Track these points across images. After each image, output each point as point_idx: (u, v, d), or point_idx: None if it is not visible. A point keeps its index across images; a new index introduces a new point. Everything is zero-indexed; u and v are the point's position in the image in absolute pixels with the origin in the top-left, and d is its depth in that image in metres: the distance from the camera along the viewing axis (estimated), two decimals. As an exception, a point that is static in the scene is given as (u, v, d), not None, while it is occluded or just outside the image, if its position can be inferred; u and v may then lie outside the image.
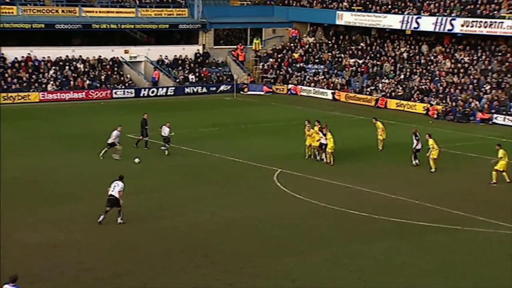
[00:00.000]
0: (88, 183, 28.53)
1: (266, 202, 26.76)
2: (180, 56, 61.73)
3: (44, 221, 23.39)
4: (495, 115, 47.37)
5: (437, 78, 54.00)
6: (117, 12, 60.00)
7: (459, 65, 54.49)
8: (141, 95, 56.41)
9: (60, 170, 30.54)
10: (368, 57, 60.17)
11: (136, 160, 30.64)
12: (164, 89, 57.55)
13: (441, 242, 22.45)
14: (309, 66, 61.99)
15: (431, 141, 32.27)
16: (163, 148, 34.44)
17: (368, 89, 55.96)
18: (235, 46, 64.06)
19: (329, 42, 64.63)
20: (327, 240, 22.53)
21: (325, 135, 32.85)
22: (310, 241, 22.37)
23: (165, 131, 34.69)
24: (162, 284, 18.66)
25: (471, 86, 51.44)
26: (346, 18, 61.40)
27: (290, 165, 32.09)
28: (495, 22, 51.31)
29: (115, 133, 33.01)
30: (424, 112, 50.31)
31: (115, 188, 23.08)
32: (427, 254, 21.40)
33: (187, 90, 58.39)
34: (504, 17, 51.21)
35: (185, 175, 30.74)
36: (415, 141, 32.98)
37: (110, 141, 32.78)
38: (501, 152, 29.97)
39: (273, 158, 33.37)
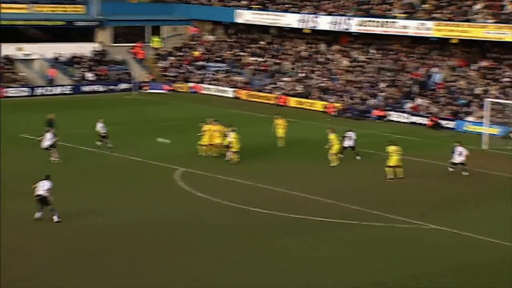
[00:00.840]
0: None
1: (167, 201, 26.72)
2: (78, 54, 60.37)
3: None
4: (390, 112, 49.34)
5: (335, 76, 55.60)
6: (9, 8, 57.88)
7: (356, 63, 56.35)
8: (36, 93, 54.75)
9: None
10: (268, 56, 61.08)
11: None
12: (61, 88, 56.14)
13: (340, 237, 23.22)
14: (210, 64, 62.21)
15: (332, 136, 33.28)
16: (100, 143, 34.82)
17: (269, 87, 56.83)
18: (134, 44, 63.35)
19: (230, 40, 65.11)
20: (228, 238, 22.79)
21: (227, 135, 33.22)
22: (211, 239, 22.56)
23: (100, 126, 35.17)
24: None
25: (367, 84, 53.33)
26: (245, 16, 62.07)
27: (192, 164, 32.16)
28: (388, 21, 53.44)
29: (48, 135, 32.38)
30: (323, 109, 51.69)
31: (40, 188, 23.43)
32: (326, 249, 22.08)
33: (85, 88, 57.22)
34: (395, 17, 53.42)
35: (83, 176, 30.17)
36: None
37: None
38: (390, 149, 31.27)
39: (175, 157, 33.34)
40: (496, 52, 51.35)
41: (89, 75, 58.75)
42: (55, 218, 23.38)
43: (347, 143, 34.42)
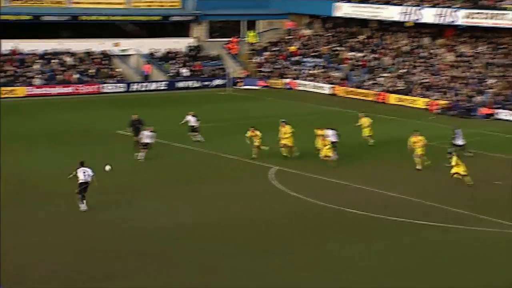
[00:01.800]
0: (61, 182, 28.55)
1: (260, 201, 26.92)
2: (172, 49, 61.86)
3: (19, 220, 23.47)
4: (498, 110, 47.69)
5: (439, 72, 54.30)
6: (106, 3, 60.11)
7: (462, 58, 54.80)
8: (132, 89, 56.56)
9: (44, 168, 30.62)
10: (367, 50, 60.41)
11: (107, 167, 27.11)
12: (156, 84, 57.71)
13: (443, 240, 22.69)
14: (306, 59, 62.21)
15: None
16: (196, 138, 35.74)
17: (368, 84, 56.22)
18: (229, 39, 64.24)
19: (327, 34, 64.86)
20: (323, 240, 22.72)
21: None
22: (304, 240, 22.54)
23: (191, 120, 36.21)
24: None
25: (474, 80, 51.76)
26: (344, 9, 61.64)
27: (286, 163, 32.29)
28: (498, 14, 51.62)
29: (146, 133, 32.84)
30: (425, 107, 50.61)
31: (86, 174, 24.63)
32: (429, 253, 21.65)
33: (179, 84, 58.57)
34: (505, 9, 51.53)
35: (177, 173, 30.89)
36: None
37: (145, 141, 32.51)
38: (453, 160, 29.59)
39: (269, 155, 33.55)
40: None
41: (184, 71, 60.10)
42: (83, 207, 24.41)
43: (458, 141, 33.76)
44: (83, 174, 24.78)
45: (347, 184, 29.35)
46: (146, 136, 32.73)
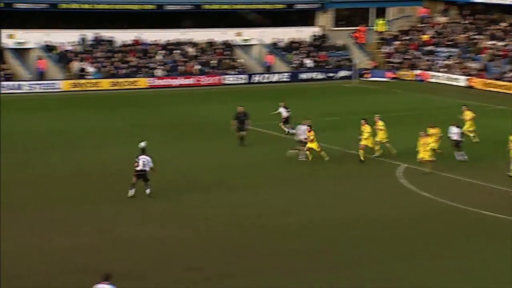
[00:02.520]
0: (195, 176, 29.12)
1: (387, 199, 26.31)
2: (296, 39, 61.78)
3: (150, 215, 24.12)
4: None
5: None
6: (231, -9, 60.90)
7: None
8: (253, 81, 57.02)
9: (168, 162, 31.35)
10: (509, 39, 57.72)
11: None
12: (278, 75, 57.86)
13: None
14: (440, 49, 60.27)
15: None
16: (286, 128, 35.88)
17: (509, 75, 53.73)
18: (357, 28, 63.32)
19: (464, 22, 62.54)
20: (454, 244, 21.85)
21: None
22: (434, 243, 21.79)
23: (282, 111, 36.17)
24: (271, 286, 18.78)
25: None
26: (484, -6, 59.21)
27: (415, 160, 31.27)
28: None
29: (303, 128, 31.92)
30: None
31: (146, 164, 25.47)
32: None
33: (302, 76, 58.44)
34: None
35: (300, 169, 30.75)
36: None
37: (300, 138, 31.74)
38: None
39: (397, 152, 32.70)
40: None
41: (307, 62, 59.88)
42: (148, 191, 25.42)
43: None
44: (142, 162, 25.48)
45: (483, 184, 28.07)
46: (303, 131, 31.81)
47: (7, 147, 32.25)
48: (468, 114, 36.08)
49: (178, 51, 57.72)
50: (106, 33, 56.55)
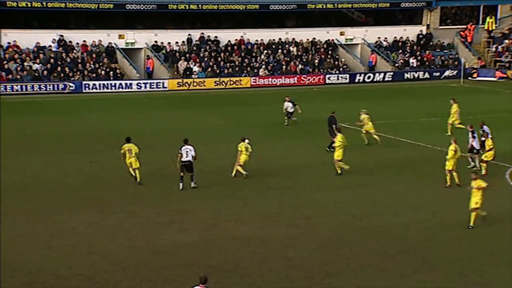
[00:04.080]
0: (298, 175, 29.25)
1: (495, 203, 25.54)
2: (401, 38, 60.91)
3: (253, 213, 24.45)
4: None
5: None
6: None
7: None
8: (356, 80, 56.63)
9: (270, 160, 31.66)
10: None
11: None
12: (382, 75, 57.24)
13: None
14: (552, 47, 57.94)
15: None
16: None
17: None
18: (464, 26, 61.72)
19: None
20: None
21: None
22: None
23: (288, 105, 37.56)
24: (376, 287, 18.68)
25: None
26: None
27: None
28: None
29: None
30: None
31: (189, 154, 25.72)
32: None
33: (406, 75, 57.57)
34: None
35: (401, 169, 30.35)
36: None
37: None
38: None
39: (506, 153, 31.70)
40: None
41: (412, 61, 58.89)
42: (193, 184, 25.91)
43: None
44: (186, 152, 25.58)
45: None
46: None
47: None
48: (454, 108, 36.20)
49: (281, 51, 58.05)
50: (211, 33, 57.61)
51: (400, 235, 22.39)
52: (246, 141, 28.18)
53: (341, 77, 56.41)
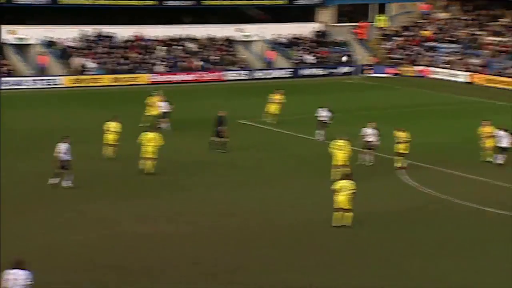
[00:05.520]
0: (197, 173, 29.25)
1: (389, 197, 26.46)
2: (297, 35, 61.91)
3: (154, 211, 24.28)
4: None
5: None
6: (231, -13, 60.99)
7: None
8: (255, 77, 57.16)
9: (167, 158, 31.47)
10: (510, 35, 57.87)
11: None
12: (280, 71, 58.00)
13: None
14: (442, 45, 60.44)
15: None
16: (162, 125, 35.01)
17: (510, 71, 53.87)
18: (358, 24, 63.47)
19: (466, 18, 62.70)
20: (456, 240, 22.03)
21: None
22: (433, 240, 21.93)
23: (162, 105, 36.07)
24: (279, 281, 18.93)
25: None
26: (486, -10, 59.39)
27: (417, 157, 31.44)
28: None
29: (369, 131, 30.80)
30: None
31: (65, 151, 26.03)
32: None
33: (304, 72, 58.58)
34: None
35: (300, 164, 30.92)
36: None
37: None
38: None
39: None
40: None
41: (309, 58, 60.02)
42: (66, 183, 25.91)
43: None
44: (62, 150, 25.96)
45: (487, 181, 28.26)
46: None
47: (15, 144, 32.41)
48: (276, 98, 38.19)
49: (179, 47, 57.86)
50: (107, 29, 56.70)
51: (299, 230, 22.77)
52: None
53: (240, 73, 56.80)
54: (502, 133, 31.00)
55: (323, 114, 35.55)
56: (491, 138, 31.14)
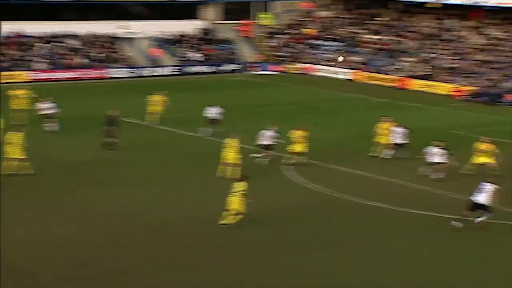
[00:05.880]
0: (80, 171, 28.61)
1: (275, 193, 26.74)
2: (182, 32, 61.67)
3: (36, 212, 23.53)
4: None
5: (465, 56, 53.77)
6: (114, -16, 60.05)
7: (491, 41, 54.22)
8: (140, 74, 56.46)
9: (53, 157, 30.64)
10: (389, 33, 59.96)
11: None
12: (165, 69, 57.60)
13: (469, 236, 22.44)
14: (324, 43, 61.84)
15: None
16: (49, 127, 34.11)
17: (389, 69, 55.80)
18: (243, 21, 63.96)
19: (347, 16, 64.42)
20: (338, 235, 22.54)
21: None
22: (317, 235, 22.38)
23: (44, 107, 34.44)
24: (161, 281, 18.78)
25: (503, 64, 51.23)
26: (365, -10, 61.21)
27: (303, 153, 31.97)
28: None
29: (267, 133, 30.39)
30: (450, 93, 50.17)
31: None
32: (454, 250, 21.41)
33: (190, 69, 58.42)
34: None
35: (186, 163, 30.78)
36: None
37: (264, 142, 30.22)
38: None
39: (284, 145, 33.30)
40: None
41: (195, 55, 59.91)
42: None
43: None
44: None
45: (369, 176, 29.11)
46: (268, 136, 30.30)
47: None
48: (157, 99, 37.87)
49: (60, 44, 56.34)
50: (-17, 25, 54.41)
51: (187, 228, 22.68)
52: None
53: (125, 71, 55.93)
54: (399, 129, 31.91)
55: (212, 111, 35.58)
56: (387, 135, 31.94)
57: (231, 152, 28.02)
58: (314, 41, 62.34)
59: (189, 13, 63.62)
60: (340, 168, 30.23)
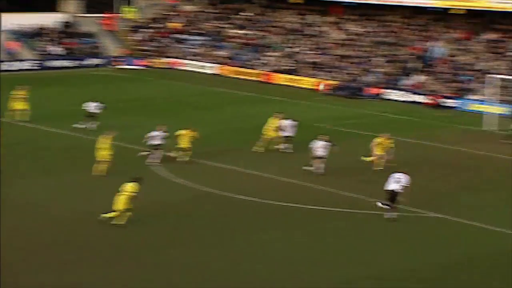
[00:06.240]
0: None
1: (144, 190, 26.42)
2: (42, 25, 59.62)
3: None
4: (386, 90, 49.19)
5: (326, 51, 55.34)
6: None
7: (350, 36, 56.10)
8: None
9: None
10: (253, 28, 60.69)
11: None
12: (25, 63, 55.47)
13: (333, 227, 23.10)
14: (190, 37, 61.72)
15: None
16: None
17: (254, 63, 56.49)
18: (106, 15, 62.70)
19: (212, 11, 64.61)
20: (206, 228, 22.61)
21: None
22: (192, 230, 22.40)
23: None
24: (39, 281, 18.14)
25: (362, 59, 53.15)
26: (229, -16, 61.62)
27: (172, 148, 31.75)
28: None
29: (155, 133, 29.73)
30: (313, 87, 51.48)
31: None
32: (318, 240, 21.97)
33: (52, 64, 56.57)
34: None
35: (45, 160, 29.83)
36: None
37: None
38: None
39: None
40: (503, 24, 51.37)
41: (56, 49, 58.07)
42: None
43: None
44: None
45: (238, 170, 29.35)
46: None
47: None
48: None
49: None
50: None
51: (59, 226, 21.97)
52: None
53: (-20, 66, 53.31)
54: (287, 122, 32.27)
55: (92, 106, 35.26)
56: (277, 130, 32.20)
57: (105, 150, 27.61)
58: (179, 35, 62.06)
59: (48, 5, 61.52)
60: (210, 163, 30.28)
